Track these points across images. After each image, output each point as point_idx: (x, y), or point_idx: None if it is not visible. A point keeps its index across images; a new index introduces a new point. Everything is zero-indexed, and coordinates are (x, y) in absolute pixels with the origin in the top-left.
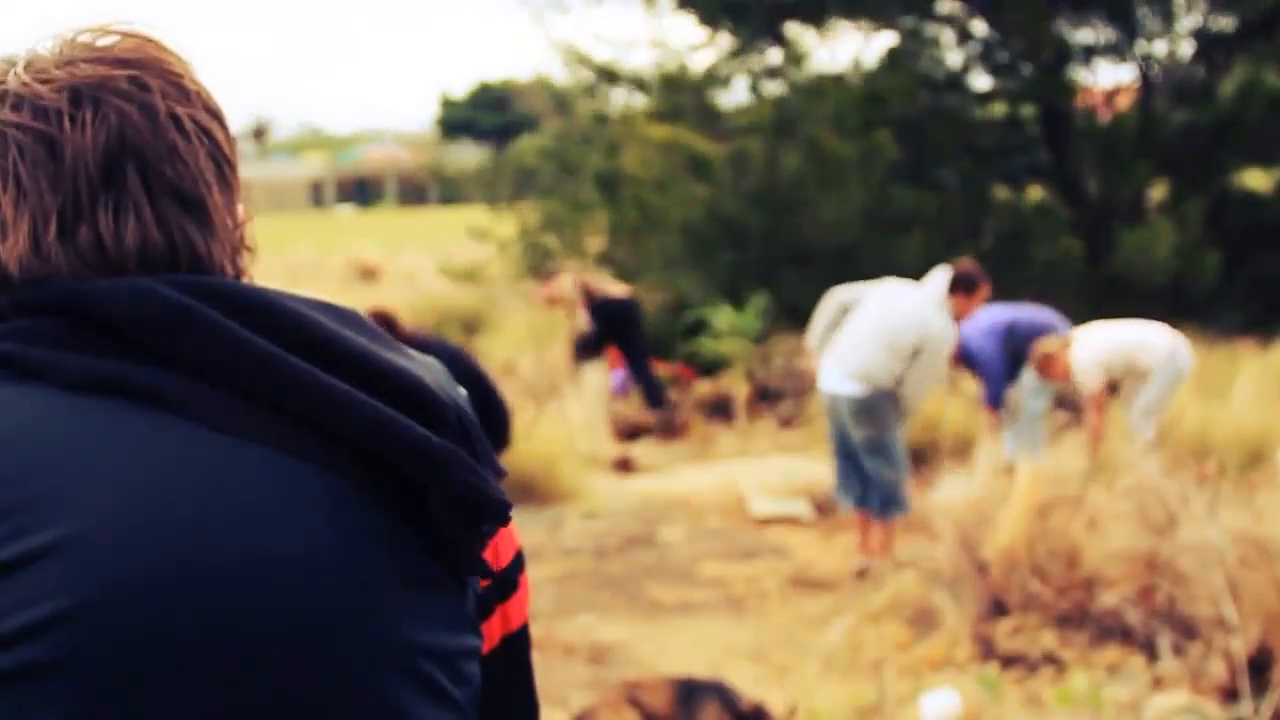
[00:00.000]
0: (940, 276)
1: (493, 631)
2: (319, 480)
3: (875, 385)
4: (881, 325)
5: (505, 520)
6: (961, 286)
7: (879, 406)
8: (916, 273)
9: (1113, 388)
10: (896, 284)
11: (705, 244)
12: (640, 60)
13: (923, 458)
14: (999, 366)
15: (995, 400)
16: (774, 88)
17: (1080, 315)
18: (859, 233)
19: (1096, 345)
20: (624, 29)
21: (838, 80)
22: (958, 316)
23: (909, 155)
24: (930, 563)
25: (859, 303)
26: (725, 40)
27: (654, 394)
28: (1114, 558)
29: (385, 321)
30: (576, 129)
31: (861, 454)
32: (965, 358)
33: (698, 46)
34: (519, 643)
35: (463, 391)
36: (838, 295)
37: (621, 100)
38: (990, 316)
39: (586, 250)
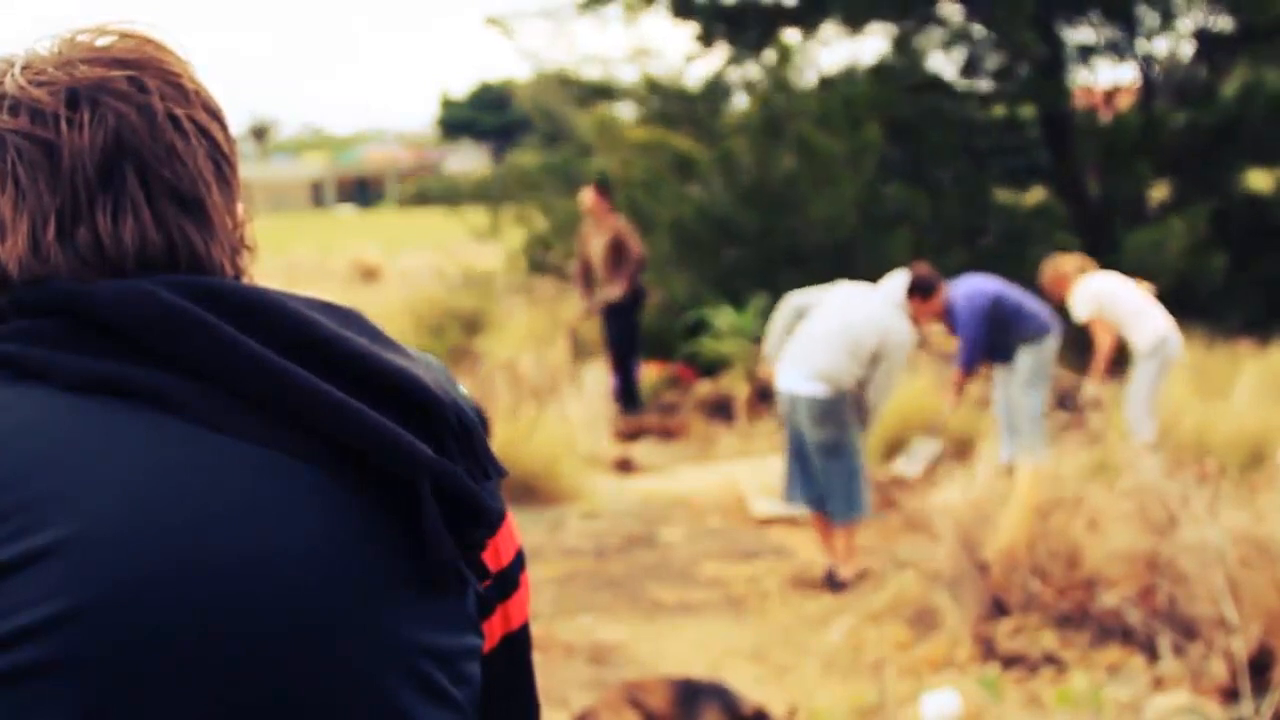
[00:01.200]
0: (898, 280)
1: (493, 631)
2: (318, 481)
3: (837, 387)
4: (842, 328)
5: (492, 529)
6: (919, 290)
7: (839, 408)
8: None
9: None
10: (852, 287)
11: (697, 244)
12: (633, 72)
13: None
14: (977, 329)
15: (969, 363)
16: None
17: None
18: (853, 231)
19: (1103, 289)
20: (616, 41)
21: (833, 82)
22: (916, 320)
23: (908, 157)
24: (931, 563)
25: (816, 305)
26: (723, 49)
27: (631, 393)
28: (1114, 558)
29: None
30: (575, 141)
31: (816, 456)
32: (948, 319)
33: (694, 56)
34: (520, 642)
35: (464, 391)
36: (793, 301)
37: (614, 111)
38: (980, 283)
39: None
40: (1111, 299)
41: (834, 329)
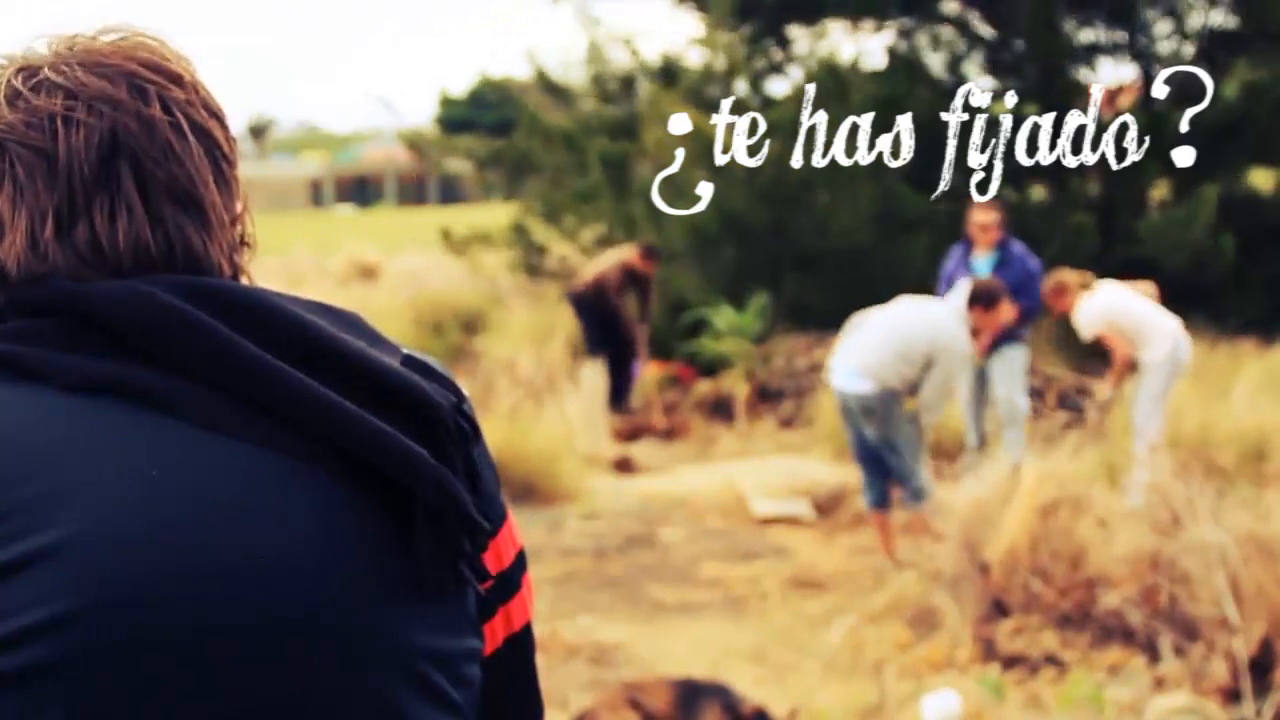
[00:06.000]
0: (962, 290)
1: (495, 632)
2: (317, 483)
3: (883, 384)
4: (896, 327)
5: (483, 542)
6: (981, 301)
7: (885, 405)
8: (921, 272)
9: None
10: (918, 298)
11: (710, 241)
12: (648, 54)
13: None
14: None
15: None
16: (779, 87)
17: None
18: (866, 233)
19: (1109, 304)
20: (635, 23)
21: (844, 79)
22: (977, 331)
23: (913, 154)
24: (932, 563)
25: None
26: (729, 38)
27: (624, 390)
28: (1116, 558)
29: None
30: (582, 117)
31: (880, 451)
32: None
33: (701, 42)
34: (522, 643)
35: (466, 394)
36: (856, 319)
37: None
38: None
39: (582, 240)
40: (1120, 311)
41: (888, 328)
